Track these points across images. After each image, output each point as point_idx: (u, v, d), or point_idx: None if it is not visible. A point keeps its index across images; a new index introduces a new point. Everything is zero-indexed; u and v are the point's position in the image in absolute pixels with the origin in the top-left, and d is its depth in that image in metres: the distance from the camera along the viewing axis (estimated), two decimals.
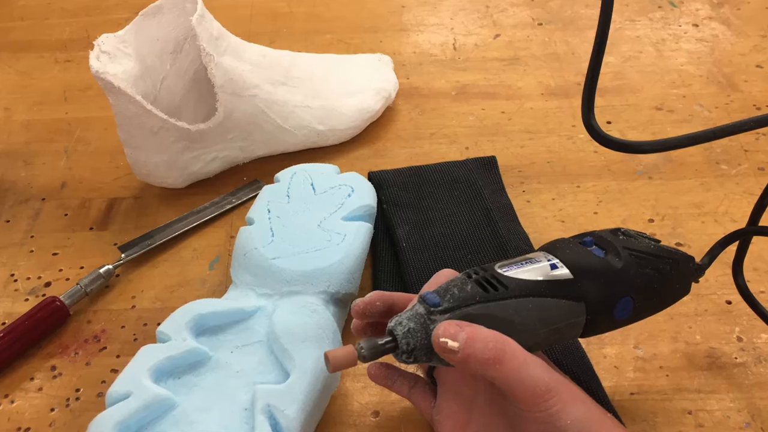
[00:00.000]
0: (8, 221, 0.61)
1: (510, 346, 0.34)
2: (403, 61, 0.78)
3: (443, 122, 0.70)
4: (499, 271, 0.37)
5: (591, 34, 0.80)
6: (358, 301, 0.41)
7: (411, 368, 0.46)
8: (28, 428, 0.47)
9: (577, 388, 0.38)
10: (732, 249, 0.47)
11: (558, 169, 0.64)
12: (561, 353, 0.48)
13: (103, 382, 0.49)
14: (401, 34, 0.82)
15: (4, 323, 0.53)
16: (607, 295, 0.38)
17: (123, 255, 0.57)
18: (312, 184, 0.56)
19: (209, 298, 0.48)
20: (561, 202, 0.61)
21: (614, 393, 0.47)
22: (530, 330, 0.36)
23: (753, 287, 0.48)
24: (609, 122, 0.69)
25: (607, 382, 0.47)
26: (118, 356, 0.51)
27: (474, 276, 0.37)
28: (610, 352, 0.49)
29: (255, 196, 0.58)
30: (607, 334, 0.47)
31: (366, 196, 0.56)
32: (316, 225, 0.52)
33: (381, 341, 0.35)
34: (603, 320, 0.39)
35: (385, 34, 0.82)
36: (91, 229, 0.61)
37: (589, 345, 0.50)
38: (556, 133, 0.68)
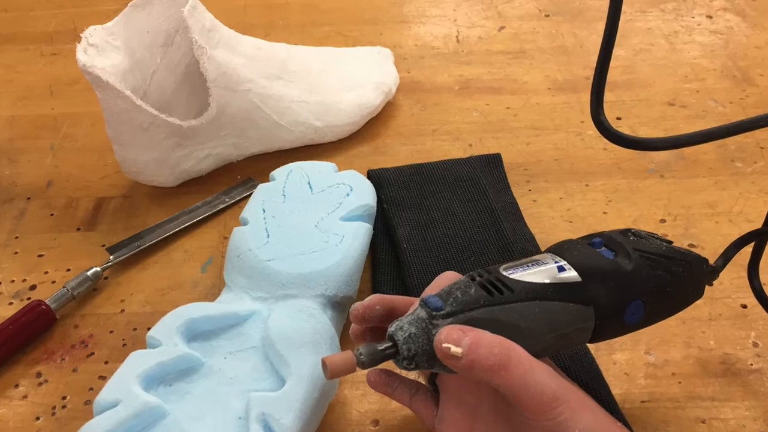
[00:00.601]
0: None
1: (516, 351, 0.34)
2: (404, 54, 0.78)
3: (446, 118, 0.70)
4: (504, 273, 0.37)
5: (600, 26, 0.80)
6: (357, 304, 0.41)
7: (412, 375, 0.46)
8: None
9: (586, 396, 0.38)
10: (747, 250, 0.47)
11: (566, 167, 0.64)
12: (569, 359, 0.48)
13: (91, 389, 0.49)
14: (402, 26, 0.82)
15: None
16: (616, 298, 0.38)
17: (111, 257, 0.57)
18: (309, 183, 0.56)
19: (201, 302, 0.48)
20: (569, 202, 0.61)
21: (624, 401, 0.47)
22: (537, 335, 0.36)
23: None
24: (619, 118, 0.69)
25: (617, 390, 0.47)
26: (106, 362, 0.51)
27: (478, 279, 0.37)
28: (620, 358, 0.49)
29: (249, 196, 0.58)
30: (616, 339, 0.47)
31: (365, 195, 0.56)
32: (313, 225, 0.52)
33: (381, 347, 0.35)
34: (613, 325, 0.39)
35: (385, 26, 0.82)
36: (79, 229, 0.61)
37: (598, 351, 0.50)
38: (564, 130, 0.68)
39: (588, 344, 0.45)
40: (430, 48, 0.79)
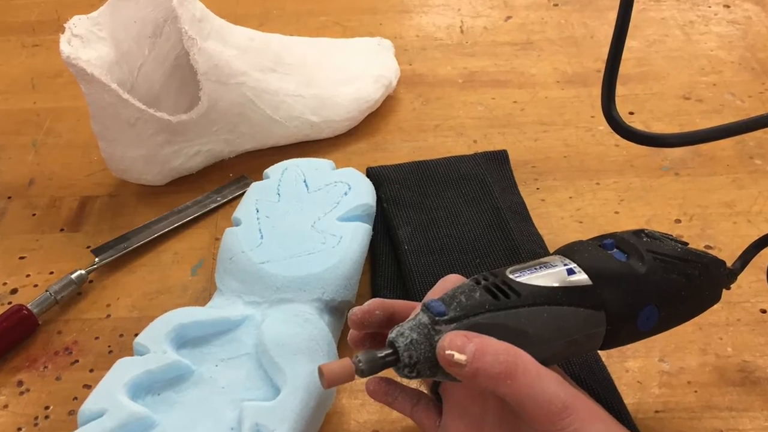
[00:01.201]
0: None
1: (523, 359, 0.34)
2: (405, 45, 0.78)
3: (449, 113, 0.70)
4: (511, 276, 0.37)
5: (611, 16, 0.80)
6: (356, 309, 0.41)
7: (414, 384, 0.46)
8: None
9: (596, 405, 0.38)
10: (767, 252, 0.47)
11: (575, 164, 0.64)
12: (579, 367, 0.48)
13: (75, 398, 0.49)
14: (403, 16, 0.82)
15: None
16: (629, 303, 0.38)
17: (97, 259, 0.57)
18: (305, 181, 0.56)
19: (192, 307, 0.48)
20: (579, 201, 0.61)
21: (637, 411, 0.47)
22: (545, 342, 0.36)
23: None
24: (631, 113, 0.69)
25: (629, 399, 0.47)
26: (91, 370, 0.51)
27: (483, 282, 0.37)
28: (633, 366, 0.49)
29: (242, 194, 0.58)
30: (629, 346, 0.47)
31: (364, 194, 0.56)
32: (309, 226, 0.52)
33: (381, 354, 0.35)
34: (625, 330, 0.39)
35: (385, 16, 0.82)
36: (62, 230, 0.61)
37: (610, 358, 0.50)
38: (574, 125, 0.68)
39: (599, 351, 0.45)
40: (433, 39, 0.79)
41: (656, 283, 0.39)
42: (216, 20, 0.60)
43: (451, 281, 0.40)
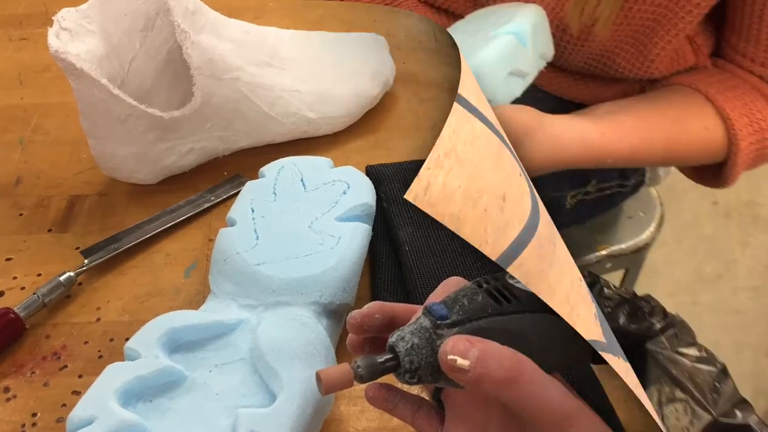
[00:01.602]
0: None
1: (527, 365, 0.34)
2: (398, 44, 0.78)
3: (447, 113, 0.70)
4: (511, 281, 0.37)
5: None
6: (355, 313, 0.41)
7: (415, 390, 0.46)
8: None
9: (597, 417, 0.38)
10: None
11: None
12: (576, 377, 0.48)
13: (64, 405, 0.49)
14: (398, 14, 0.82)
15: None
16: None
17: (86, 260, 0.57)
18: (302, 180, 0.56)
19: (184, 310, 0.48)
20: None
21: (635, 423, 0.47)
22: (546, 348, 0.36)
23: None
24: None
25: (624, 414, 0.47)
26: (80, 376, 0.51)
27: (485, 285, 0.37)
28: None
29: (237, 194, 0.58)
30: None
31: (363, 193, 0.56)
32: (306, 226, 0.52)
33: (380, 359, 0.35)
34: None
35: (379, 12, 0.82)
36: (50, 230, 0.61)
37: (601, 372, 0.49)
38: None
39: (597, 365, 0.45)
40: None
41: None
42: (210, 13, 0.60)
43: (453, 284, 0.40)
